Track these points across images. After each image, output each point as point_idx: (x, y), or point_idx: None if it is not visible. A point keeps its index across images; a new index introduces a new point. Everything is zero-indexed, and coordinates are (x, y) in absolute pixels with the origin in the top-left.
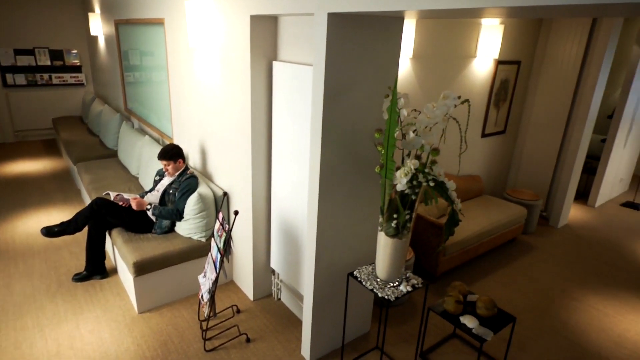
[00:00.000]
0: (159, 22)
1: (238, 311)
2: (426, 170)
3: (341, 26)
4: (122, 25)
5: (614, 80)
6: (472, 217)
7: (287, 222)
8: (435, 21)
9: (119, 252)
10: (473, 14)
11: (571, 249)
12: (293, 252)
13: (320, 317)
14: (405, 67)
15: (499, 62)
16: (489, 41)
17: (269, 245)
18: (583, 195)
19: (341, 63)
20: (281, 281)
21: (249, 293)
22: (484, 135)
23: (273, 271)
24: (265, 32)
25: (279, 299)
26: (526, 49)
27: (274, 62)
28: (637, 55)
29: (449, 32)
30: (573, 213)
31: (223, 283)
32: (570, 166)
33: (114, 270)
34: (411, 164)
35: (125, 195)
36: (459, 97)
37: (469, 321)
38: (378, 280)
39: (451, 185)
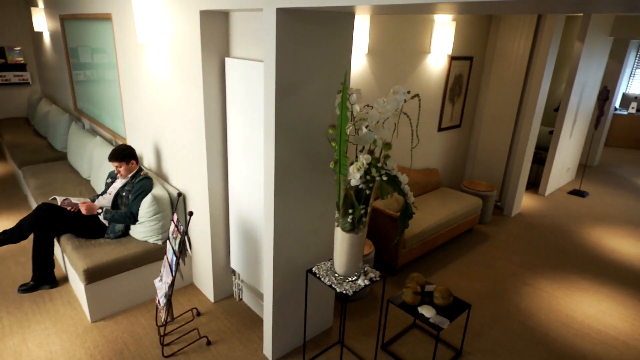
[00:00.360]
0: (106, 18)
1: (198, 314)
2: (379, 164)
3: (291, 22)
4: (68, 21)
5: (559, 75)
6: (430, 209)
7: (246, 221)
8: (389, 18)
9: (68, 259)
10: (422, 10)
11: (523, 237)
12: (253, 251)
13: (280, 315)
14: (361, 63)
15: (452, 58)
16: (442, 37)
17: (229, 245)
18: (534, 184)
19: (292, 59)
20: (242, 281)
21: (210, 295)
22: (440, 129)
23: (233, 271)
24: (217, 28)
25: (241, 299)
26: (478, 45)
27: (227, 59)
28: (579, 51)
29: (403, 28)
30: (525, 202)
31: (182, 286)
32: (521, 157)
33: (65, 279)
34: (363, 159)
35: (74, 200)
36: (409, 92)
37: (426, 311)
38: (336, 275)
39: (404, 179)
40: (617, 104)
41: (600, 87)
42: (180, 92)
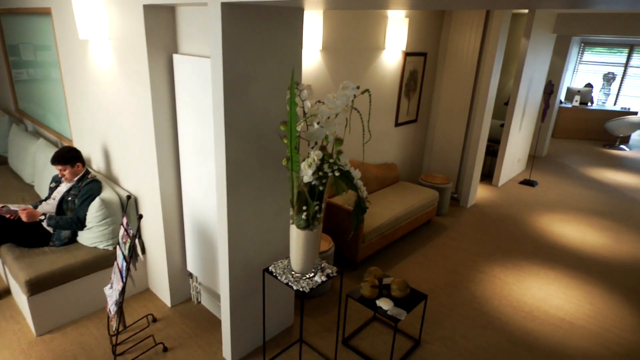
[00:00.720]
0: (46, 12)
1: (154, 320)
2: (331, 160)
3: (237, 17)
4: (5, 16)
5: (508, 71)
6: (389, 203)
7: (201, 222)
8: (343, 13)
9: (9, 270)
10: (369, 4)
11: (478, 227)
12: (209, 252)
13: (239, 316)
14: (316, 59)
15: (406, 54)
16: (396, 34)
17: (184, 248)
18: (488, 176)
19: (240, 55)
20: (200, 284)
21: (166, 300)
22: (397, 124)
23: (190, 274)
24: (163, 23)
25: (199, 302)
26: (431, 41)
27: (175, 55)
28: (525, 47)
29: (357, 24)
30: (480, 193)
31: (138, 292)
32: (475, 150)
33: (7, 291)
34: (315, 155)
35: (12, 207)
36: (358, 87)
37: (384, 304)
38: (293, 273)
39: (356, 174)
40: (562, 98)
41: (546, 81)
42: (128, 91)
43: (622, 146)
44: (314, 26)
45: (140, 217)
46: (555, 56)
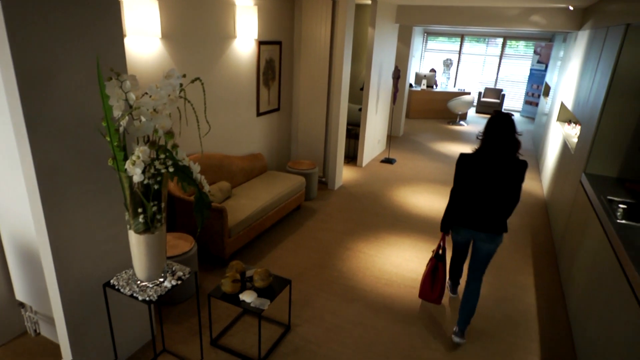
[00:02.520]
0: None
1: None
2: (162, 155)
3: (29, 2)
4: None
5: (361, 58)
6: (255, 194)
7: (23, 241)
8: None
9: None
10: None
11: (345, 206)
12: (40, 275)
13: (82, 340)
14: (156, 48)
15: (260, 43)
16: (246, 22)
17: (8, 274)
18: (353, 158)
19: (38, 45)
20: (36, 313)
21: None
22: (259, 114)
23: (22, 303)
24: None
25: (38, 333)
26: (285, 30)
27: None
28: (372, 36)
29: (203, 12)
30: (346, 175)
31: None
32: (336, 134)
33: None
34: (139, 151)
35: None
36: (184, 76)
37: (247, 296)
38: (139, 282)
39: (195, 168)
40: (412, 82)
41: (394, 67)
42: None
43: (461, 122)
44: (147, 12)
45: None
46: (401, 44)
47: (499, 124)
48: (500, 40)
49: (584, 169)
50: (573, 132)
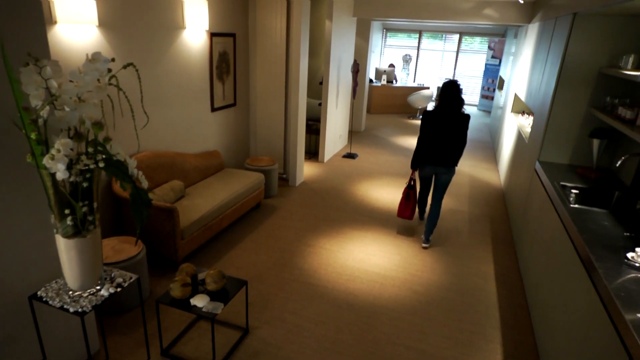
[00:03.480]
0: None
1: None
2: (90, 149)
3: None
4: None
5: (319, 52)
6: (211, 192)
7: None
8: None
9: None
10: None
11: (307, 202)
12: None
13: None
14: (93, 37)
15: (212, 34)
16: (196, 12)
17: None
18: (315, 154)
19: None
20: None
21: None
22: (214, 109)
23: None
24: None
25: None
26: (239, 21)
27: None
28: (329, 29)
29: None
30: (308, 170)
31: None
32: (296, 129)
33: None
34: (60, 144)
35: None
36: (113, 60)
37: (198, 301)
38: (71, 292)
39: (132, 163)
40: (373, 77)
41: (353, 61)
42: None
43: (421, 116)
44: None
45: None
46: (360, 39)
47: (449, 88)
48: (456, 36)
49: (538, 157)
50: (526, 123)
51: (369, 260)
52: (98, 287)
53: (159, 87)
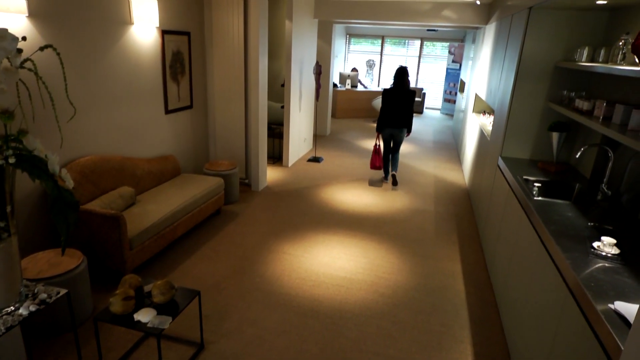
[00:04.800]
0: None
1: None
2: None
3: None
4: None
5: (281, 55)
6: (164, 199)
7: None
8: None
9: None
10: None
11: (269, 207)
12: None
13: None
14: (21, 27)
15: (164, 32)
16: (145, 7)
17: None
18: (279, 158)
19: None
20: None
21: None
22: (168, 111)
23: None
24: None
25: None
26: (193, 20)
27: None
28: (290, 30)
29: None
30: (272, 175)
31: None
32: (257, 133)
33: None
34: None
35: None
36: (24, 38)
37: (143, 316)
38: None
39: (53, 159)
40: (337, 82)
41: (315, 62)
42: None
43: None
44: None
45: None
46: (323, 43)
47: (399, 73)
48: (418, 42)
49: (500, 153)
50: (488, 122)
51: (335, 264)
52: (15, 306)
53: (103, 84)
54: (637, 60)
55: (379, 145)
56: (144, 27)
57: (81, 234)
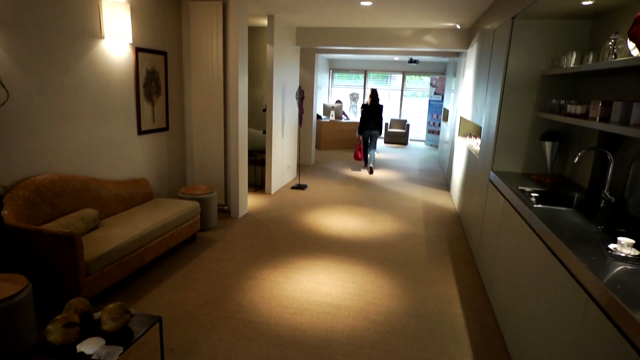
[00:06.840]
0: None
1: None
2: None
3: None
4: None
5: (261, 80)
6: (131, 223)
7: None
8: None
9: None
10: None
11: (249, 233)
12: None
13: None
14: None
15: (138, 49)
16: (116, 21)
17: None
18: (261, 186)
19: None
20: None
21: None
22: (141, 132)
23: None
24: None
25: None
26: (171, 39)
27: None
28: (271, 54)
29: None
30: (253, 202)
31: None
32: (237, 157)
33: None
34: None
35: None
36: None
37: (87, 346)
38: None
39: None
40: (320, 113)
41: (298, 87)
42: None
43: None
44: None
45: None
46: (306, 71)
47: (373, 92)
48: (399, 76)
49: (492, 168)
50: (475, 143)
51: (320, 289)
52: None
53: (66, 98)
54: (637, 49)
55: (361, 142)
56: (116, 42)
57: (29, 257)
